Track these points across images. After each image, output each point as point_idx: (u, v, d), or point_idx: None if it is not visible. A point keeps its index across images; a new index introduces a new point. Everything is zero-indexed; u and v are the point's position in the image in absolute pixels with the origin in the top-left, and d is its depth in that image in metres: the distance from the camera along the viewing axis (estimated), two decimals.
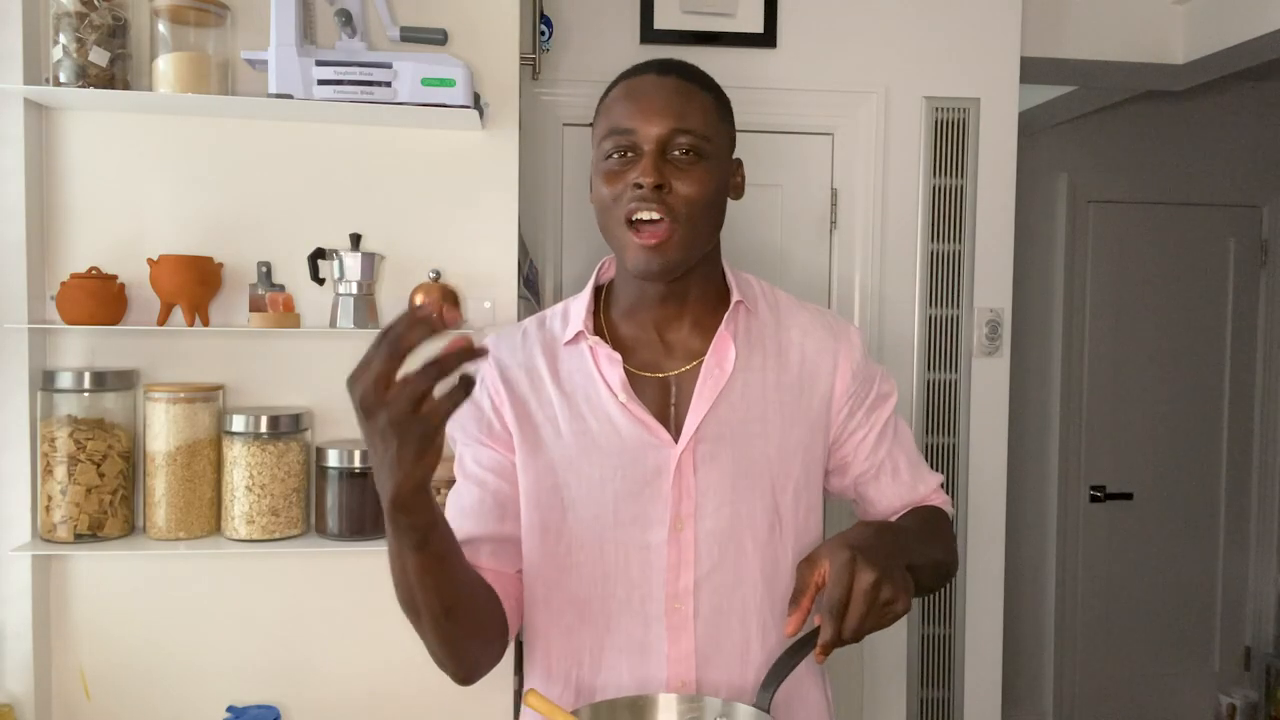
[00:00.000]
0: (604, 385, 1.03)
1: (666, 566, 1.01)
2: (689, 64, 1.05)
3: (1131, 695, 3.49)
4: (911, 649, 2.44)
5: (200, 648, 1.68)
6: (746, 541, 1.03)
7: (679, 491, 1.01)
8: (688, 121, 0.98)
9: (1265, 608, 3.56)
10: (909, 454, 1.14)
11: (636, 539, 1.01)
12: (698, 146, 0.98)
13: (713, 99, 1.03)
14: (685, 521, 1.02)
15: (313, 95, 1.57)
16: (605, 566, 1.02)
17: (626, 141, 0.98)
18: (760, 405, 1.05)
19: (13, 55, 1.57)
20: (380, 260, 1.70)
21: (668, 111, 0.98)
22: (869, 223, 2.37)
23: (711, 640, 1.02)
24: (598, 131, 1.03)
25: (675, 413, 1.04)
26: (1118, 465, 3.40)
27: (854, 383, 1.09)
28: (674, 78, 1.01)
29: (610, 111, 1.02)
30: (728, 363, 1.03)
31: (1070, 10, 2.56)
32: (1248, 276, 3.50)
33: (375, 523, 1.65)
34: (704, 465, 1.02)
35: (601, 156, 1.01)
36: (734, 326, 1.05)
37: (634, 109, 0.99)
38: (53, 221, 1.65)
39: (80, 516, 1.58)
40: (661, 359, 1.06)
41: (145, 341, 1.66)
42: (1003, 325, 2.43)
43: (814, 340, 1.09)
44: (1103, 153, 3.39)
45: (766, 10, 2.30)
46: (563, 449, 1.03)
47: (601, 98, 1.05)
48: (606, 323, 1.09)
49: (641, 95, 1.00)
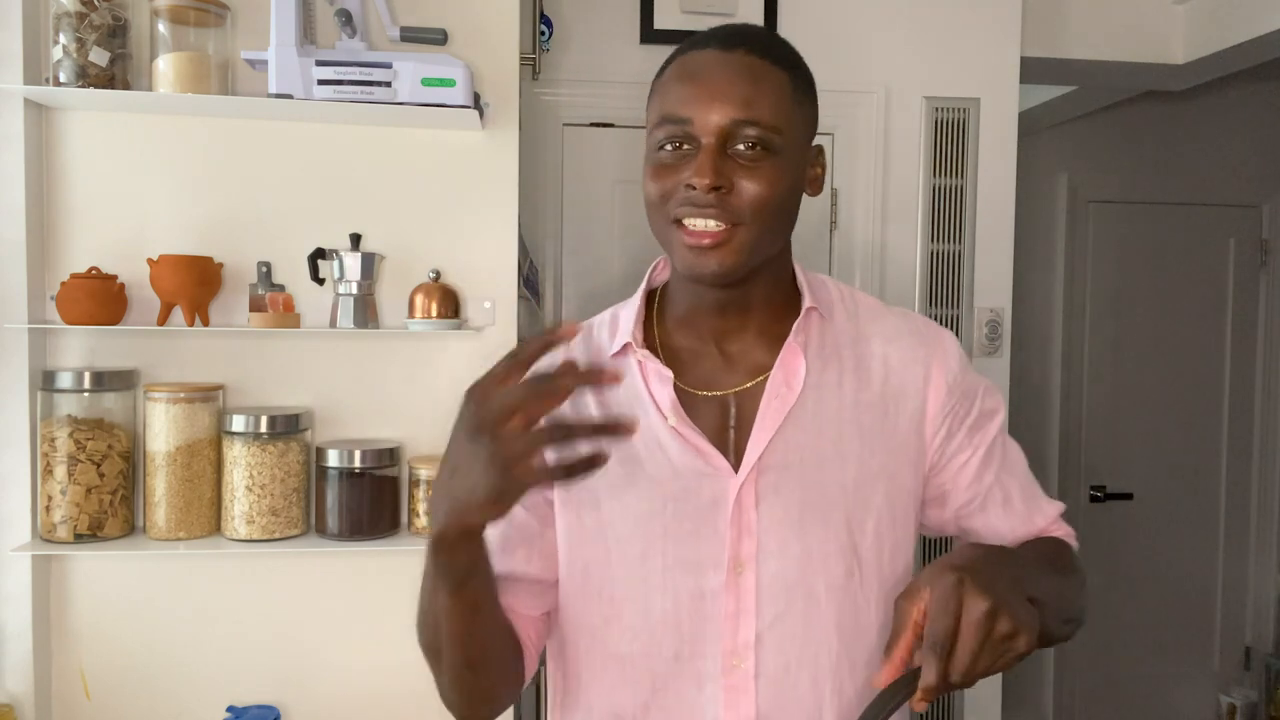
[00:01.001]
0: (653, 405, 0.89)
1: (724, 617, 0.86)
2: (763, 32, 0.89)
3: (1131, 695, 3.49)
4: None
5: (200, 648, 1.68)
6: (819, 587, 0.87)
7: (738, 529, 0.86)
8: (756, 110, 0.82)
9: (1265, 608, 3.56)
10: (1021, 480, 0.98)
11: (689, 585, 0.87)
12: (767, 140, 0.83)
13: (789, 78, 0.86)
14: (746, 564, 0.86)
15: (313, 95, 1.57)
16: (651, 617, 0.87)
17: (681, 132, 0.83)
18: (835, 427, 0.89)
19: (13, 55, 1.57)
20: (380, 260, 1.70)
21: (731, 96, 0.82)
22: (869, 223, 2.37)
23: (777, 704, 0.86)
24: (650, 116, 0.88)
25: (735, 437, 0.89)
26: (1118, 465, 3.40)
27: (950, 398, 0.93)
28: (742, 53, 0.84)
29: (664, 94, 0.86)
30: (796, 379, 0.88)
31: (1070, 10, 2.56)
32: (1248, 276, 3.50)
33: (375, 523, 1.65)
34: (767, 498, 0.87)
35: (653, 147, 0.86)
36: (804, 337, 0.91)
37: (691, 93, 0.83)
38: (53, 221, 1.65)
39: (80, 516, 1.58)
40: (721, 374, 0.91)
41: (145, 341, 1.66)
42: (1003, 325, 2.43)
43: (900, 350, 0.93)
44: (1103, 153, 3.39)
45: (766, 10, 2.30)
46: (606, 480, 0.88)
47: (657, 74, 0.90)
48: (660, 332, 0.95)
49: (701, 76, 0.84)
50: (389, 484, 1.68)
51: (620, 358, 0.93)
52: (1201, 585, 3.52)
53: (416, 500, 1.67)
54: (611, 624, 0.89)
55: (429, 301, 1.65)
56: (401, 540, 1.67)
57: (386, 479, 1.67)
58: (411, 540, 1.66)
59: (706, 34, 0.88)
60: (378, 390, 1.72)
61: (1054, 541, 0.97)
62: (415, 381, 1.72)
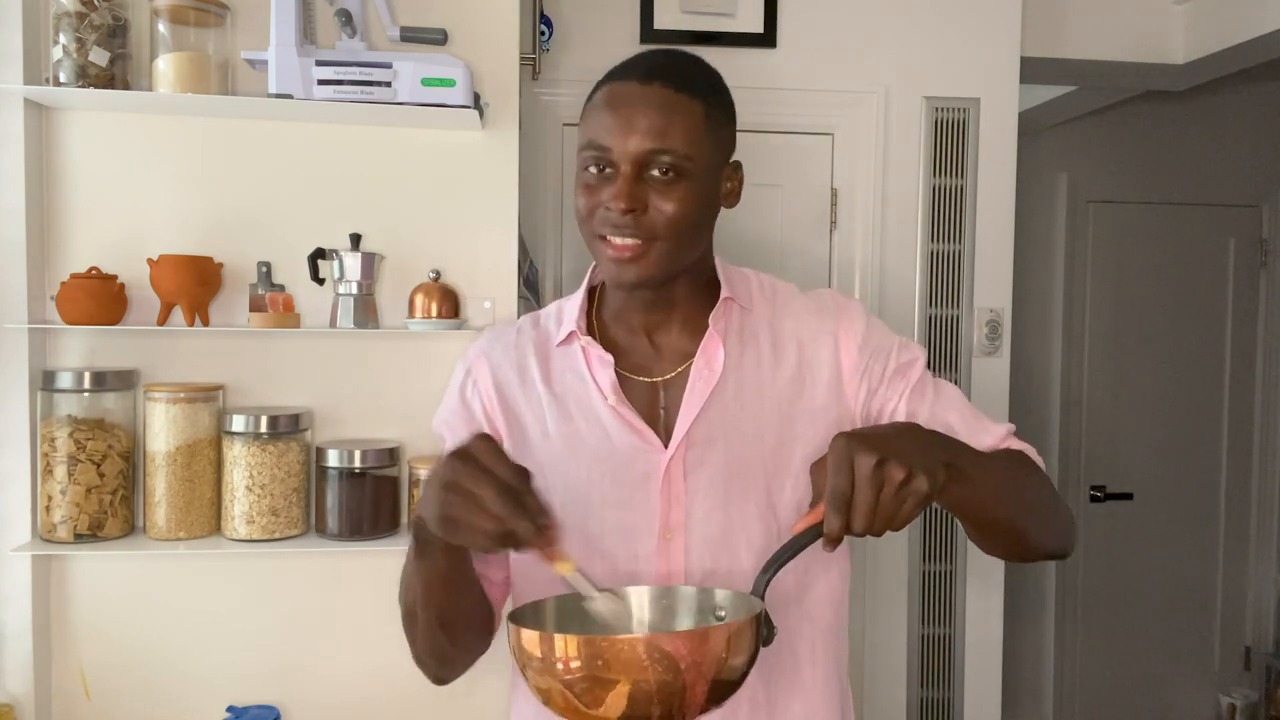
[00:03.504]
0: (595, 387, 1.00)
1: (656, 578, 0.96)
2: (681, 61, 0.97)
3: (1131, 695, 3.49)
4: (911, 649, 2.44)
5: (200, 648, 1.68)
6: (740, 548, 0.97)
7: (668, 499, 0.97)
8: (669, 140, 0.91)
9: (1265, 608, 3.56)
10: (961, 411, 1.02)
11: (624, 550, 0.97)
12: (678, 166, 0.92)
13: (703, 107, 0.94)
14: (675, 531, 0.97)
15: (313, 95, 1.57)
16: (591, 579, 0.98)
17: (602, 158, 0.93)
18: (756, 404, 0.99)
19: (13, 55, 1.57)
20: (380, 260, 1.70)
21: (647, 129, 0.91)
22: (869, 223, 2.37)
23: None
24: (579, 138, 0.98)
25: (665, 416, 1.00)
26: (1118, 465, 3.40)
27: (862, 357, 1.01)
28: (658, 85, 0.92)
29: (590, 121, 0.96)
30: (716, 363, 0.99)
31: (1070, 10, 2.56)
32: (1248, 276, 3.49)
33: (375, 523, 1.65)
34: (694, 471, 0.97)
35: (580, 166, 0.96)
36: (723, 324, 1.01)
37: (612, 123, 0.92)
38: (53, 221, 1.65)
39: (80, 516, 1.58)
40: (652, 362, 1.02)
41: (145, 341, 1.66)
42: (1003, 325, 2.43)
43: (809, 326, 1.03)
44: (1103, 153, 3.39)
45: (766, 10, 2.30)
46: (549, 450, 1.00)
47: (587, 99, 0.99)
48: (599, 324, 1.05)
49: (621, 107, 0.92)
50: (389, 484, 1.68)
51: (566, 345, 1.04)
52: (1201, 585, 3.52)
53: (416, 500, 1.67)
54: (557, 582, 0.96)
55: (429, 301, 1.65)
56: (401, 540, 1.67)
57: (386, 479, 1.67)
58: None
59: (630, 64, 0.96)
60: (378, 390, 1.72)
61: (1007, 450, 1.01)
62: (415, 381, 1.72)
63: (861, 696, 2.41)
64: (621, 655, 0.74)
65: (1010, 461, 0.99)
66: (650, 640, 0.74)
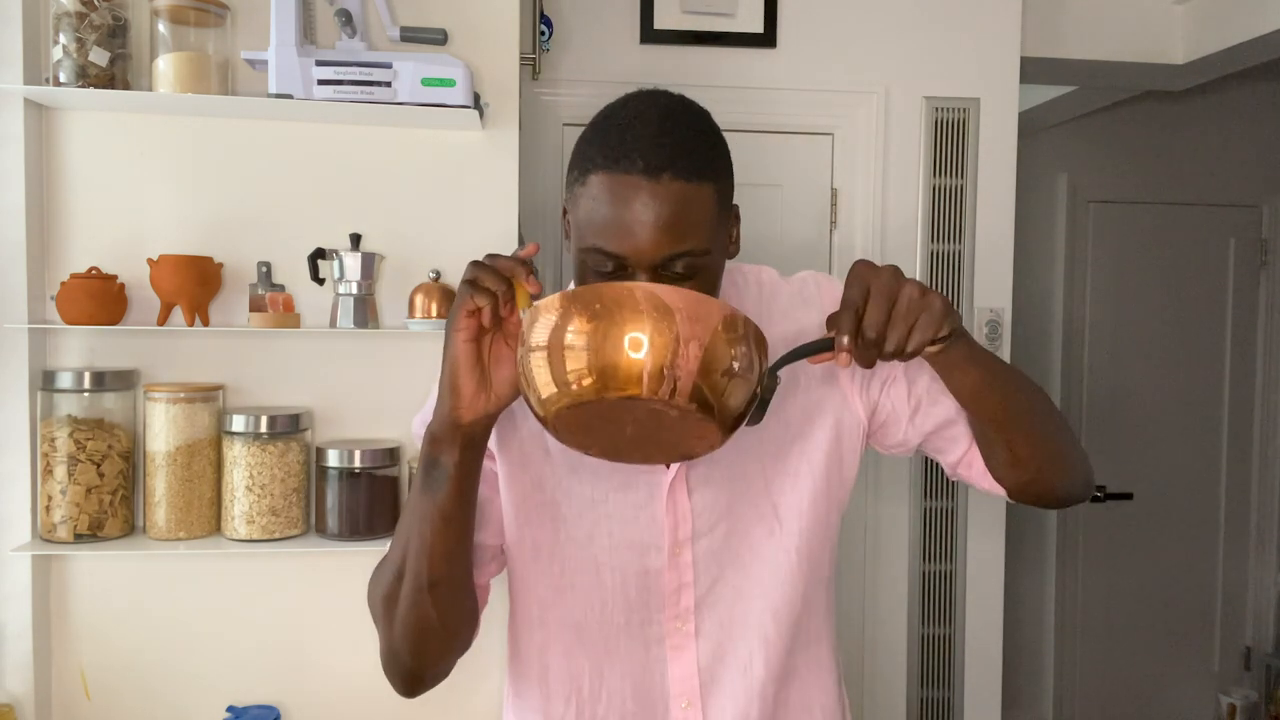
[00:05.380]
0: None
1: (667, 591, 0.98)
2: (684, 140, 0.85)
3: (1131, 695, 3.49)
4: (911, 649, 2.44)
5: (200, 648, 1.68)
6: (745, 553, 0.99)
7: (674, 516, 0.97)
8: (688, 241, 0.83)
9: (1265, 608, 3.56)
10: None
11: (634, 563, 0.97)
12: (696, 263, 0.85)
13: (713, 188, 0.86)
14: (683, 545, 0.97)
15: (313, 95, 1.57)
16: (603, 591, 0.98)
17: (613, 265, 0.85)
18: None
19: (13, 55, 1.57)
20: (380, 260, 1.70)
21: (663, 231, 0.82)
22: (869, 223, 2.37)
23: (715, 656, 0.99)
24: (576, 220, 0.88)
25: None
26: (1118, 465, 3.40)
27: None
28: (668, 178, 0.82)
29: (592, 214, 0.84)
30: None
31: (1070, 10, 2.56)
32: (1248, 276, 3.50)
33: (375, 523, 1.65)
34: (698, 488, 0.97)
35: (583, 256, 0.87)
36: None
37: (620, 228, 0.82)
38: (53, 221, 1.65)
39: (80, 516, 1.58)
40: None
41: (145, 341, 1.66)
42: (1003, 325, 2.43)
43: (795, 320, 1.01)
44: (1103, 153, 3.39)
45: (766, 10, 2.30)
46: (551, 467, 0.98)
47: (577, 174, 0.88)
48: None
49: (630, 207, 0.82)
50: (389, 484, 1.68)
51: None
52: (1201, 585, 3.52)
53: None
54: (564, 594, 0.99)
55: (429, 301, 1.65)
56: None
57: (386, 479, 1.67)
58: None
59: (629, 151, 0.83)
60: (378, 390, 1.72)
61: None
62: (415, 381, 1.71)
63: (862, 696, 2.41)
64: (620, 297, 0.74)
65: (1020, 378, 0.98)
66: (647, 287, 0.75)
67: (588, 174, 0.86)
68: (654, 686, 0.99)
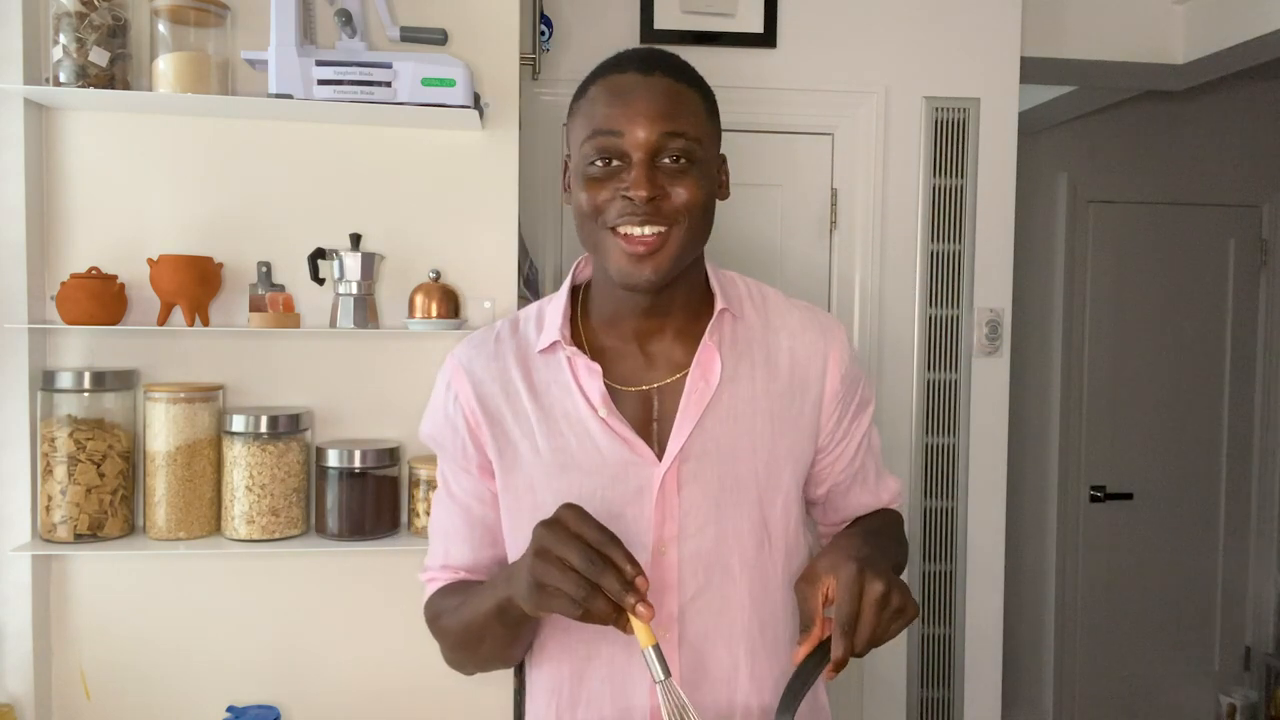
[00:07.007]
0: (583, 399, 0.97)
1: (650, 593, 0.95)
2: (673, 57, 0.97)
3: (1131, 695, 3.49)
4: (911, 649, 2.44)
5: (200, 648, 1.68)
6: (733, 562, 0.97)
7: (662, 513, 0.96)
8: (680, 124, 0.91)
9: (1265, 608, 3.56)
10: (877, 461, 1.12)
11: None
12: (690, 150, 0.92)
13: (701, 97, 0.95)
14: (668, 545, 0.96)
15: (313, 95, 1.57)
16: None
17: (613, 147, 0.91)
18: (749, 417, 0.99)
19: (13, 55, 1.57)
20: (380, 260, 1.70)
21: (658, 114, 0.90)
22: (869, 223, 2.37)
23: (698, 666, 0.97)
24: (576, 133, 0.96)
25: (658, 429, 0.98)
26: (1118, 465, 3.40)
27: (843, 386, 1.03)
28: (659, 74, 0.93)
29: (592, 112, 0.94)
30: (713, 375, 0.97)
31: (1070, 10, 2.56)
32: (1248, 276, 3.50)
33: (375, 523, 1.65)
34: (688, 484, 0.96)
35: (583, 161, 0.93)
36: (719, 335, 0.99)
37: (620, 112, 0.91)
38: (53, 221, 1.65)
39: (80, 516, 1.58)
40: (643, 371, 1.00)
41: (145, 341, 1.66)
42: (1003, 325, 2.43)
43: (804, 343, 1.03)
44: (1103, 153, 3.39)
45: (766, 10, 2.30)
46: (541, 467, 0.98)
47: (577, 95, 0.98)
48: (585, 329, 1.02)
49: (628, 96, 0.91)
50: (389, 484, 1.68)
51: (548, 353, 1.01)
52: (1201, 585, 3.52)
53: (416, 500, 1.67)
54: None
55: (429, 301, 1.65)
56: (401, 540, 1.67)
57: (386, 479, 1.67)
58: (411, 540, 1.66)
59: (623, 59, 0.96)
60: (378, 390, 1.72)
61: (891, 513, 1.14)
62: (415, 381, 1.72)
63: (861, 696, 2.41)
64: None
65: (897, 536, 1.12)
66: None
67: (587, 88, 0.96)
68: (633, 694, 0.97)
